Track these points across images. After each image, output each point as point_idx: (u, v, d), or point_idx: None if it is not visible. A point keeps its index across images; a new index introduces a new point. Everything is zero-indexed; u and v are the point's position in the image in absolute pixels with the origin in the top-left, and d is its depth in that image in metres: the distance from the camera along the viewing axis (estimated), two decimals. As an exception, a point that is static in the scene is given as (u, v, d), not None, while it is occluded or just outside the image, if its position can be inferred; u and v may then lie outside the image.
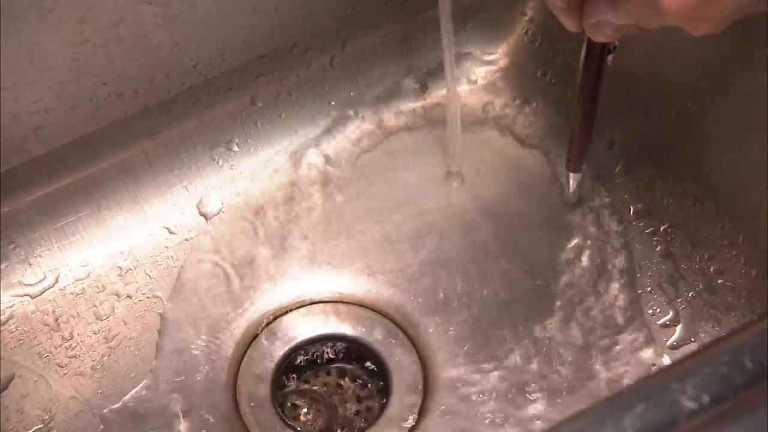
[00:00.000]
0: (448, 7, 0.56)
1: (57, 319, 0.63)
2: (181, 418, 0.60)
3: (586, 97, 0.57)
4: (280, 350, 0.63)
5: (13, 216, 0.64)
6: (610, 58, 0.53)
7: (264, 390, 0.62)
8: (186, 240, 0.66)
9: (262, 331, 0.64)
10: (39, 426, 0.60)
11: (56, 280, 0.64)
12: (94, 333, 0.63)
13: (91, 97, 0.62)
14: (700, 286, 0.62)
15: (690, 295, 0.63)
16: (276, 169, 0.68)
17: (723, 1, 0.36)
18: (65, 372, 0.62)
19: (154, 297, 0.64)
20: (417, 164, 0.68)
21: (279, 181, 0.68)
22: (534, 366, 0.61)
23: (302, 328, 0.64)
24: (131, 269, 0.65)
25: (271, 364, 0.63)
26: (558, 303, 0.63)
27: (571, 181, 0.65)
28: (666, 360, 0.61)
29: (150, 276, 0.65)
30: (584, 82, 0.56)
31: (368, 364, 0.63)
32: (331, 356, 0.64)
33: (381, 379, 0.63)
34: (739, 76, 0.58)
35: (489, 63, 0.71)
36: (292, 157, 0.68)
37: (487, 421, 0.60)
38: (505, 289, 0.64)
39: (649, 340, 0.62)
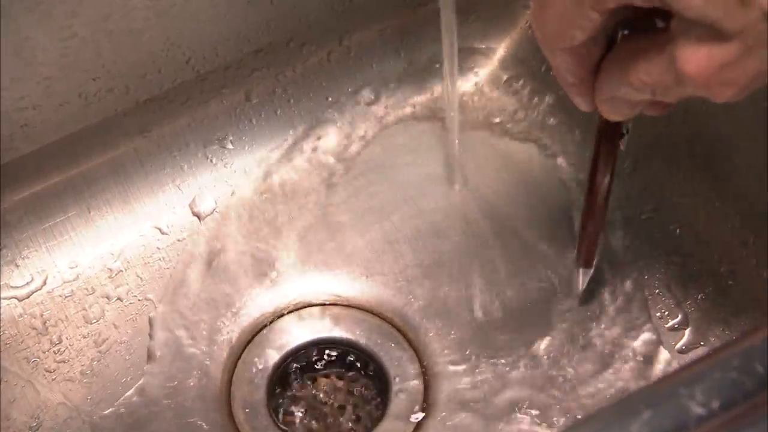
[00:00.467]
0: (450, 0, 0.56)
1: (45, 322, 0.63)
2: (174, 424, 0.60)
3: (599, 185, 0.54)
4: (275, 355, 0.63)
5: (0, 216, 0.63)
6: (623, 142, 0.51)
7: (259, 396, 0.62)
8: (178, 241, 0.66)
9: (256, 335, 0.63)
10: (27, 433, 0.60)
11: (44, 283, 0.64)
12: (84, 337, 0.63)
13: (80, 93, 0.62)
14: (710, 288, 0.62)
15: (699, 297, 0.62)
16: (271, 167, 0.68)
17: (746, 66, 0.35)
18: (53, 377, 0.62)
19: (146, 299, 0.64)
20: (417, 162, 0.68)
21: (274, 180, 0.67)
22: (539, 370, 0.61)
23: (298, 332, 0.64)
24: (122, 271, 0.65)
25: (266, 369, 0.62)
26: (563, 305, 0.63)
27: (581, 278, 0.61)
28: (674, 364, 0.61)
29: (141, 278, 0.65)
30: (596, 168, 0.53)
31: (366, 368, 0.63)
32: (328, 361, 0.63)
33: (379, 384, 0.62)
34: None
35: (491, 57, 0.71)
36: (288, 155, 0.68)
37: (491, 428, 0.59)
38: (509, 291, 0.64)
39: (657, 344, 0.61)
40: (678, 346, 0.62)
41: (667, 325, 0.62)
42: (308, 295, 0.64)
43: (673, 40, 0.36)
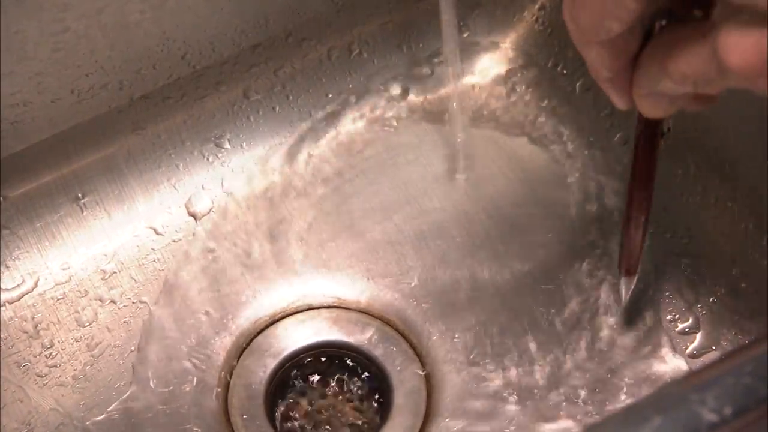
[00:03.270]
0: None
1: (36, 325, 0.63)
2: (169, 431, 0.60)
3: (640, 187, 0.53)
4: (274, 359, 0.63)
5: (-10, 216, 0.64)
6: (663, 140, 0.50)
7: (257, 401, 0.62)
8: (174, 241, 0.66)
9: (255, 339, 0.63)
10: (17, 439, 0.60)
11: (35, 285, 0.64)
12: (76, 340, 0.63)
13: (72, 90, 0.62)
14: (722, 291, 0.62)
15: (711, 300, 0.62)
16: (270, 166, 0.68)
17: None
18: (45, 382, 0.62)
19: (140, 302, 0.64)
20: (420, 161, 0.68)
21: (273, 179, 0.67)
22: (545, 376, 0.61)
23: (298, 335, 0.64)
24: (115, 273, 0.65)
25: (264, 374, 0.62)
26: (570, 308, 0.63)
27: (623, 288, 0.60)
28: (685, 369, 0.61)
29: (135, 280, 0.65)
30: (637, 170, 0.52)
31: (368, 373, 0.63)
32: (329, 365, 0.63)
33: (381, 389, 0.62)
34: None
35: (496, 53, 0.71)
36: (286, 154, 0.68)
37: (495, 435, 0.60)
38: (514, 293, 0.64)
39: (667, 348, 0.61)
40: (689, 350, 0.62)
41: (677, 329, 0.62)
42: (308, 297, 0.64)
43: (716, 29, 0.35)
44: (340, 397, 0.63)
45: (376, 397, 0.63)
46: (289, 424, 0.62)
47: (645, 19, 0.40)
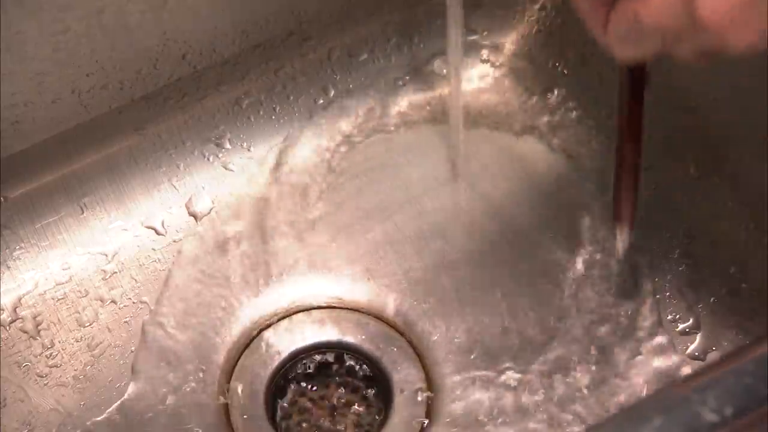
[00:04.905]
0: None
1: (37, 326, 0.63)
2: (169, 431, 0.60)
3: (629, 138, 0.53)
4: (274, 359, 0.63)
5: (-10, 216, 0.64)
6: (646, 89, 0.50)
7: (257, 402, 0.62)
8: (174, 242, 0.66)
9: (255, 339, 0.63)
10: (18, 439, 0.60)
11: (36, 285, 0.64)
12: (77, 341, 0.63)
13: (73, 90, 0.62)
14: (723, 291, 0.62)
15: (712, 300, 0.62)
16: (270, 166, 0.68)
17: (763, 6, 0.34)
18: (46, 382, 0.62)
19: (141, 302, 0.64)
20: (420, 161, 0.68)
21: (273, 179, 0.67)
22: (546, 376, 0.61)
23: (298, 335, 0.64)
24: (116, 273, 0.65)
25: (265, 375, 0.62)
26: (571, 309, 0.63)
27: (619, 241, 0.59)
28: (686, 369, 0.61)
29: (136, 280, 0.65)
30: (627, 118, 0.52)
31: (368, 374, 0.63)
32: (329, 366, 0.63)
33: (382, 390, 0.62)
34: (763, 67, 0.57)
35: (497, 53, 0.71)
36: (287, 154, 0.68)
37: (495, 435, 0.60)
38: (515, 294, 0.64)
39: (668, 349, 0.61)
40: (690, 350, 0.62)
41: (677, 329, 0.62)
42: (309, 297, 0.65)
43: None
44: (341, 398, 0.63)
45: (377, 397, 0.63)
46: (289, 425, 0.62)
47: None
